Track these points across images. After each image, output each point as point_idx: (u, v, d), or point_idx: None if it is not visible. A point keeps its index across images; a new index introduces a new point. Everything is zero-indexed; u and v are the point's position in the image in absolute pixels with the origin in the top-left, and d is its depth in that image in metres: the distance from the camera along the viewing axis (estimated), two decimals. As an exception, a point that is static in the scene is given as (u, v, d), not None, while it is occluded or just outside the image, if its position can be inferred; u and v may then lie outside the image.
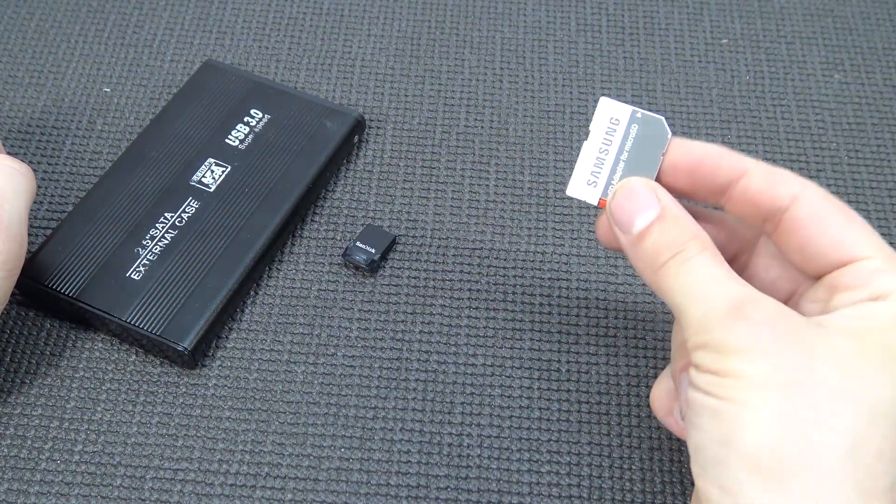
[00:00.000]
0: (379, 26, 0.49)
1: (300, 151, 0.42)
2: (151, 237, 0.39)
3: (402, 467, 0.35)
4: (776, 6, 0.50)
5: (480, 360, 0.38)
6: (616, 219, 0.31)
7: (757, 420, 0.26)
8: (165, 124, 0.42)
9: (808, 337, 0.26)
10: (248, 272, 0.38)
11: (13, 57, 0.47)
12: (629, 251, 0.31)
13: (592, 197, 0.31)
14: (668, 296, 0.29)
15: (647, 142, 0.31)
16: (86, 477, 0.34)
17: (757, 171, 0.30)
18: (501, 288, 0.40)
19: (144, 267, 0.38)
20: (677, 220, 0.30)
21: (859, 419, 0.25)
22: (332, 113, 0.43)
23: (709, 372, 0.27)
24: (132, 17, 0.49)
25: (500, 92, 0.47)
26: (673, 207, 0.30)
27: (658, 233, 0.30)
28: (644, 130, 0.31)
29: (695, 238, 0.29)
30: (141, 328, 0.36)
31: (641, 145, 0.31)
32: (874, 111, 0.46)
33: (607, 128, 0.32)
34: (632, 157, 0.31)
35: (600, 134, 0.32)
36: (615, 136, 0.31)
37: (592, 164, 0.31)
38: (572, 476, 0.35)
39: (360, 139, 0.44)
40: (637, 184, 0.30)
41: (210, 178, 0.41)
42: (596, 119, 0.32)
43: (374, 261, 0.40)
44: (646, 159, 0.31)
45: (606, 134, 0.32)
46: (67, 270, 0.37)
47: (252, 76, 0.45)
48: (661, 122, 0.31)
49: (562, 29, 0.49)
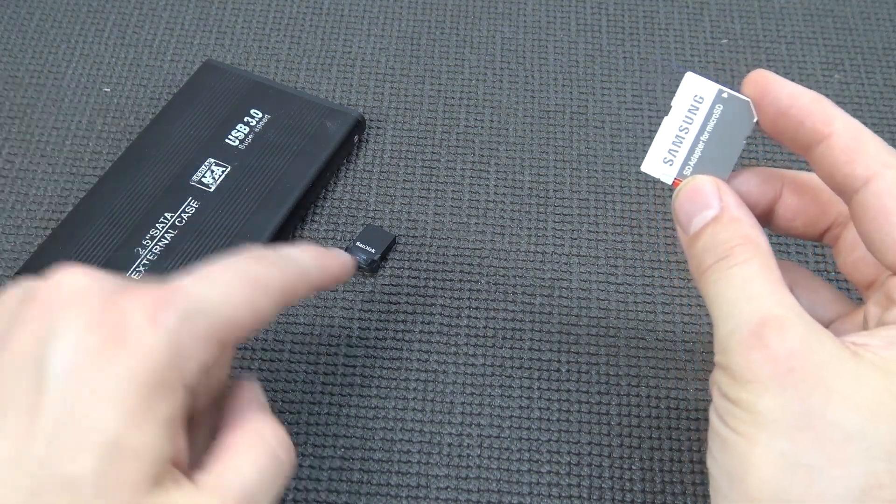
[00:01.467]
0: (379, 26, 0.49)
1: (300, 151, 0.42)
2: (151, 237, 0.39)
3: (402, 467, 0.35)
4: (776, 6, 0.50)
5: (480, 360, 0.38)
6: (678, 217, 0.29)
7: (764, 461, 0.24)
8: (165, 124, 0.42)
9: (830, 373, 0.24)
10: None
11: (13, 57, 0.47)
12: (686, 253, 0.29)
13: (667, 176, 0.30)
14: (707, 302, 0.27)
15: (730, 124, 0.30)
16: (86, 477, 0.34)
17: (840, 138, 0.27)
18: (501, 288, 0.40)
19: (144, 267, 0.38)
20: (733, 223, 0.27)
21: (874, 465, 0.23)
22: (332, 113, 0.43)
23: (724, 397, 0.26)
24: (132, 17, 0.49)
25: (500, 92, 0.47)
26: (733, 209, 0.28)
27: (710, 234, 0.28)
28: (728, 111, 0.30)
29: (745, 243, 0.27)
30: None
31: (724, 127, 0.30)
32: (874, 111, 0.46)
33: (690, 105, 0.30)
34: (713, 138, 0.30)
35: (682, 111, 0.30)
36: (697, 114, 0.30)
37: (671, 142, 0.30)
38: (572, 476, 0.35)
39: (361, 139, 0.44)
40: (702, 182, 0.29)
41: (210, 178, 0.41)
42: (679, 94, 0.30)
43: (374, 261, 0.40)
44: (727, 143, 0.30)
45: (689, 112, 0.30)
46: None
47: (252, 76, 0.45)
48: (747, 104, 0.29)
49: (562, 29, 0.49)
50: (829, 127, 0.27)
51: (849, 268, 0.29)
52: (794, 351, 0.24)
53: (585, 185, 0.43)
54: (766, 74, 0.28)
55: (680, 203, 0.29)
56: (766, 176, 0.30)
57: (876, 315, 0.27)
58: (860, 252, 0.29)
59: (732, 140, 0.29)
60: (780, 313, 0.25)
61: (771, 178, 0.30)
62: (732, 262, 0.27)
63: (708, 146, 0.30)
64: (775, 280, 0.26)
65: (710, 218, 0.28)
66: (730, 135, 0.29)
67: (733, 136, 0.29)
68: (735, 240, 0.27)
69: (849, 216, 0.29)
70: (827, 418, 0.24)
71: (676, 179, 0.30)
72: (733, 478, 0.25)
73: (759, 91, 0.28)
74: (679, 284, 0.40)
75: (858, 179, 0.26)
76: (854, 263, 0.29)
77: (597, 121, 0.45)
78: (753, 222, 0.28)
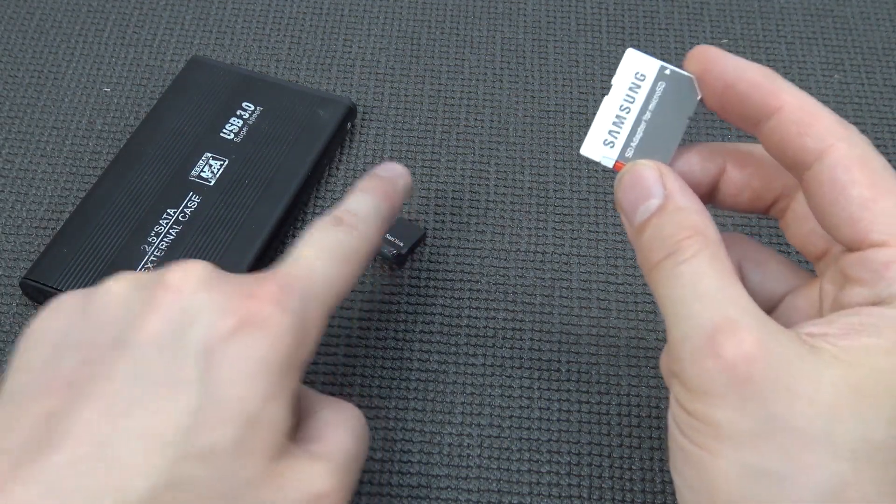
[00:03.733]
0: (379, 26, 0.49)
1: (295, 141, 0.42)
2: (156, 234, 0.39)
3: (402, 467, 0.35)
4: (776, 6, 0.50)
5: (480, 360, 0.38)
6: (621, 206, 0.28)
7: (728, 474, 0.24)
8: (158, 122, 0.43)
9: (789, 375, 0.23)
10: (256, 262, 0.39)
11: (13, 57, 0.47)
12: (633, 245, 0.28)
13: (608, 159, 0.28)
14: (657, 302, 0.26)
15: (673, 102, 0.28)
16: (86, 477, 0.34)
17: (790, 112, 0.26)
18: (501, 288, 0.40)
19: (153, 263, 0.38)
20: (678, 213, 0.26)
21: (840, 465, 0.23)
22: (323, 101, 0.44)
23: (682, 408, 0.25)
24: (132, 16, 0.49)
25: (500, 92, 0.47)
26: (678, 197, 0.26)
27: (656, 226, 0.26)
28: (671, 89, 0.28)
29: (693, 235, 0.25)
30: None
31: (667, 106, 0.28)
32: (874, 111, 0.46)
33: (631, 83, 0.29)
34: (655, 118, 0.28)
35: (622, 89, 0.29)
36: (639, 93, 0.28)
37: (611, 123, 0.28)
38: (572, 476, 0.35)
39: (353, 126, 0.44)
40: (643, 168, 0.27)
41: (209, 172, 0.41)
42: (619, 72, 0.29)
43: (400, 254, 0.40)
44: (670, 122, 0.28)
45: (629, 90, 0.29)
46: (74, 271, 0.37)
47: (239, 69, 0.45)
48: (691, 80, 0.28)
49: (562, 29, 0.49)
50: (778, 100, 0.26)
51: (799, 240, 0.28)
52: (751, 356, 0.23)
53: (585, 185, 0.43)
54: (710, 49, 0.27)
55: (622, 191, 0.28)
56: (708, 152, 0.29)
57: (831, 293, 0.26)
58: (811, 225, 0.28)
59: (676, 119, 0.28)
60: (733, 315, 0.24)
61: (712, 154, 0.29)
62: (681, 258, 0.25)
63: (650, 126, 0.28)
64: (726, 274, 0.25)
65: (655, 208, 0.26)
66: (673, 114, 0.28)
67: (676, 115, 0.28)
68: (682, 232, 0.26)
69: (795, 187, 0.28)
70: (790, 424, 0.23)
71: (618, 163, 0.28)
72: (699, 491, 0.24)
73: (702, 66, 0.27)
74: (679, 284, 0.40)
75: (811, 153, 0.25)
76: (805, 236, 0.28)
77: (597, 121, 0.45)
78: (700, 208, 0.26)
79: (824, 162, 0.25)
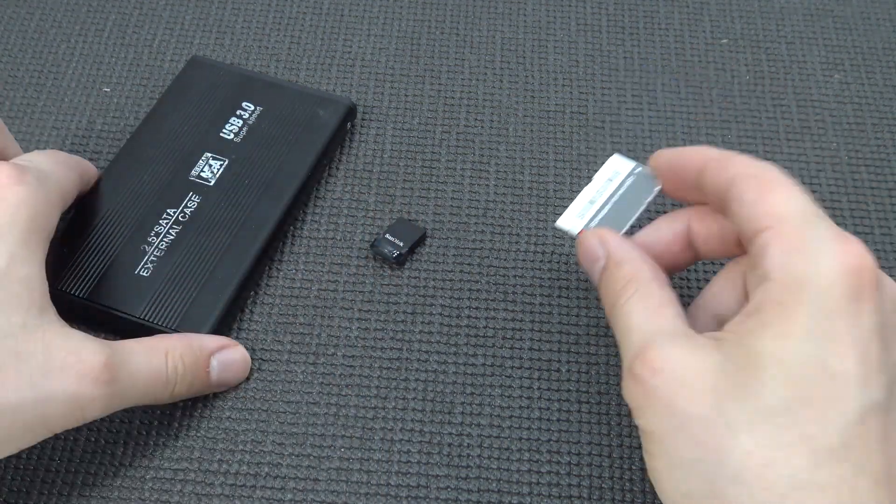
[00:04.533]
0: (379, 26, 0.49)
1: (295, 141, 0.42)
2: (156, 234, 0.39)
3: (402, 467, 0.35)
4: (776, 6, 0.50)
5: (480, 360, 0.38)
6: (584, 269, 0.34)
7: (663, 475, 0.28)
8: (158, 122, 0.43)
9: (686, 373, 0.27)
10: (255, 262, 0.39)
11: (13, 57, 0.47)
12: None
13: (575, 228, 0.35)
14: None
15: (637, 190, 0.35)
16: (86, 477, 0.34)
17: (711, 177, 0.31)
18: (501, 288, 0.40)
19: (153, 263, 0.38)
20: (617, 267, 0.32)
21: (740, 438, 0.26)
22: (322, 101, 0.43)
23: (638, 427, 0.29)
24: (132, 16, 0.49)
25: (500, 92, 0.47)
26: (616, 253, 0.32)
27: (604, 281, 0.32)
28: (638, 181, 0.35)
29: (629, 283, 0.31)
30: (156, 323, 0.36)
31: (631, 192, 0.35)
32: (874, 111, 0.46)
33: (608, 178, 0.36)
34: (620, 200, 0.35)
35: (600, 181, 0.36)
36: (612, 184, 0.35)
37: (584, 204, 0.35)
38: (572, 476, 0.35)
39: (353, 125, 0.44)
40: (587, 237, 0.33)
41: (209, 172, 0.41)
42: (601, 170, 0.36)
43: (401, 254, 0.40)
44: (631, 204, 0.35)
45: (606, 181, 0.36)
46: (76, 272, 0.37)
47: (239, 69, 0.45)
48: (654, 176, 0.35)
49: (562, 29, 0.49)
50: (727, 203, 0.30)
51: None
52: (656, 369, 0.28)
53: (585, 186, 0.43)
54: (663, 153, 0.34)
55: (580, 256, 0.34)
56: (672, 216, 0.34)
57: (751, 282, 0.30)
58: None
59: (636, 201, 0.35)
60: (650, 340, 0.28)
61: (676, 216, 0.34)
62: (622, 302, 0.31)
63: (614, 206, 0.35)
64: (652, 308, 0.30)
65: (601, 267, 0.33)
66: (635, 198, 0.35)
67: (637, 199, 0.35)
68: (620, 282, 0.31)
69: None
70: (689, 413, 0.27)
71: (581, 231, 0.35)
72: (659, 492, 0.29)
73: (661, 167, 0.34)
74: (678, 284, 0.40)
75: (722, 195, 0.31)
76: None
77: (597, 121, 0.45)
78: (635, 257, 0.32)
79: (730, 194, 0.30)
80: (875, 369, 0.26)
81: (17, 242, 0.31)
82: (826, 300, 0.26)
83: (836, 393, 0.26)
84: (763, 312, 0.27)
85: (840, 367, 0.26)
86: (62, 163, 0.36)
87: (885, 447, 0.26)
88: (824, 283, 0.27)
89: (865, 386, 0.26)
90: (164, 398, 0.34)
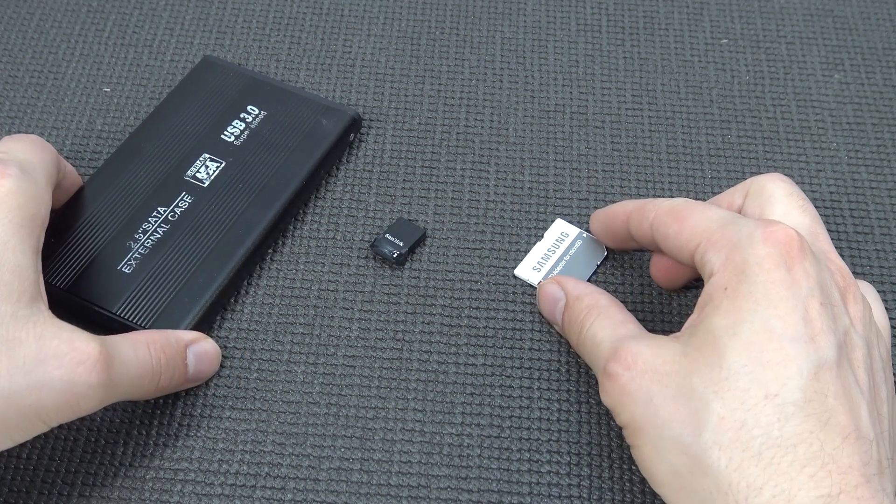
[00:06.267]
0: (379, 26, 0.49)
1: (295, 148, 0.42)
2: (144, 231, 0.39)
3: (402, 467, 0.35)
4: (776, 6, 0.50)
5: (480, 360, 0.38)
6: (544, 314, 0.38)
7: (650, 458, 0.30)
8: (162, 119, 0.43)
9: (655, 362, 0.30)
10: (238, 268, 0.38)
11: (13, 57, 0.47)
12: (564, 335, 0.37)
13: (534, 280, 0.39)
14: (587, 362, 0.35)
15: (587, 253, 0.40)
16: (86, 477, 0.34)
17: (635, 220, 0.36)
18: (501, 288, 0.40)
19: (136, 261, 0.38)
20: (579, 299, 0.35)
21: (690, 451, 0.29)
22: (328, 111, 0.43)
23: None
24: (132, 16, 0.49)
25: (500, 92, 0.47)
26: (574, 290, 0.36)
27: (567, 318, 0.36)
28: (587, 246, 0.40)
29: (589, 310, 0.34)
30: (131, 321, 0.36)
31: (582, 253, 0.40)
32: (874, 111, 0.46)
33: (557, 238, 0.41)
34: (573, 259, 0.40)
35: (550, 240, 0.41)
36: (563, 244, 0.40)
37: (539, 258, 0.40)
38: (572, 476, 0.35)
39: (356, 137, 0.44)
40: (546, 284, 0.38)
41: (204, 173, 0.41)
42: (549, 231, 0.41)
43: (401, 254, 0.40)
44: (584, 263, 0.40)
45: (556, 241, 0.41)
46: (60, 263, 0.37)
47: (250, 72, 0.45)
48: (602, 245, 0.40)
49: (562, 29, 0.49)
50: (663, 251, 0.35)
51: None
52: (629, 363, 0.30)
53: (585, 185, 0.43)
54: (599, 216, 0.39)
55: (540, 303, 0.38)
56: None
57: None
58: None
59: (588, 262, 0.40)
60: (617, 345, 0.31)
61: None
62: (587, 326, 0.34)
63: (568, 264, 0.40)
64: (616, 322, 0.33)
65: (563, 307, 0.36)
66: (586, 258, 0.40)
67: (589, 260, 0.40)
68: (582, 312, 0.35)
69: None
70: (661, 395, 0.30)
71: (540, 282, 0.39)
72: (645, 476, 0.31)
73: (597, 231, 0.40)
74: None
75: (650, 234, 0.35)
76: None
77: (597, 121, 0.45)
78: (591, 291, 0.36)
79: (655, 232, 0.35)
80: (819, 329, 0.29)
81: (9, 231, 0.31)
82: (763, 274, 0.29)
83: (788, 353, 0.28)
84: (713, 300, 0.30)
85: (786, 329, 0.29)
86: (37, 146, 0.36)
87: (848, 405, 0.28)
88: (758, 261, 0.30)
89: (812, 343, 0.29)
90: (150, 391, 0.34)
